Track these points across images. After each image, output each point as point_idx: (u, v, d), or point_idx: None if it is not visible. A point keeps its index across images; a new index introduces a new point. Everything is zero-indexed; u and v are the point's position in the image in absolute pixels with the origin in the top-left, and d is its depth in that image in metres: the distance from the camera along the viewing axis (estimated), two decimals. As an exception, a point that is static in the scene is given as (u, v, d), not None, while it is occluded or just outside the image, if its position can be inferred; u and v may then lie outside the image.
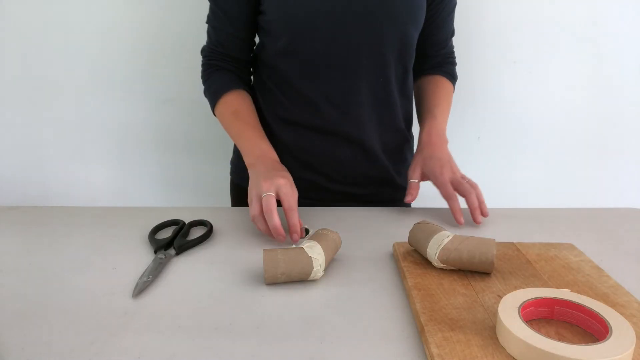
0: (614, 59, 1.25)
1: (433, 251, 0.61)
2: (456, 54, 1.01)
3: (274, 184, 0.72)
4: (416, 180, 0.85)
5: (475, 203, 0.79)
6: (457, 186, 0.80)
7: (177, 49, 1.25)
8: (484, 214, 0.80)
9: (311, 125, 0.88)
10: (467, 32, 1.18)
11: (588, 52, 1.25)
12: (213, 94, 0.89)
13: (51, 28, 1.24)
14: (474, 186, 0.81)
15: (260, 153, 0.81)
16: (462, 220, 0.79)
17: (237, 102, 0.88)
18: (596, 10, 1.21)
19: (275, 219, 0.68)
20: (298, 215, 0.71)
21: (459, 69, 1.00)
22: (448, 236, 0.62)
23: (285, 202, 0.71)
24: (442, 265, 0.61)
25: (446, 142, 0.89)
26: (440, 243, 0.61)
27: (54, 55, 1.26)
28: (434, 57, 0.97)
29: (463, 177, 0.83)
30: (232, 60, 0.90)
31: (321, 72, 0.84)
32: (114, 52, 1.26)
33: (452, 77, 0.99)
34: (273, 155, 0.82)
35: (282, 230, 0.69)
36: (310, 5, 0.79)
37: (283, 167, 0.79)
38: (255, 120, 0.87)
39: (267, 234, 0.71)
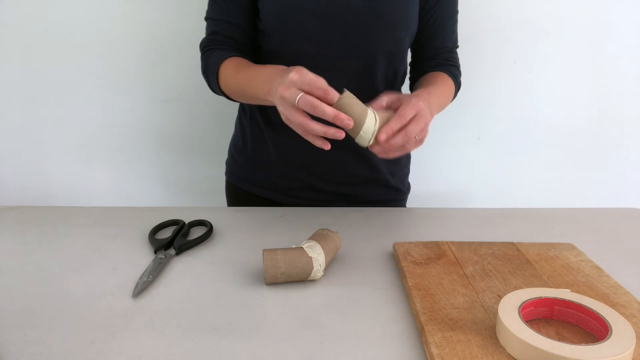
0: (614, 58, 1.25)
1: (367, 137, 0.65)
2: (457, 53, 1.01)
3: (292, 82, 0.63)
4: (383, 104, 0.69)
5: (399, 125, 0.64)
6: (414, 123, 0.66)
7: (177, 49, 1.25)
8: (381, 136, 0.64)
9: None
10: (467, 32, 1.18)
11: (588, 52, 1.25)
12: (213, 65, 0.84)
13: (51, 28, 1.24)
14: (422, 133, 0.67)
15: (272, 74, 0.71)
16: (382, 136, 0.64)
17: (238, 60, 0.83)
18: (596, 10, 1.21)
19: (328, 108, 0.61)
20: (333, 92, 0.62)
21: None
22: (375, 121, 0.65)
23: (316, 88, 0.62)
24: (373, 143, 0.66)
25: (431, 113, 0.71)
26: (373, 129, 0.64)
27: (54, 56, 1.26)
28: (433, 58, 0.93)
29: (425, 130, 0.68)
30: (232, 42, 0.87)
31: None
32: (114, 53, 1.26)
33: (455, 78, 0.91)
34: (278, 67, 0.72)
35: (343, 115, 0.62)
36: (301, 5, 0.79)
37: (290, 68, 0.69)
38: (259, 65, 0.80)
39: (323, 133, 0.63)
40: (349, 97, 0.63)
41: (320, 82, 0.63)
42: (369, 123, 0.64)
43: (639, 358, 0.45)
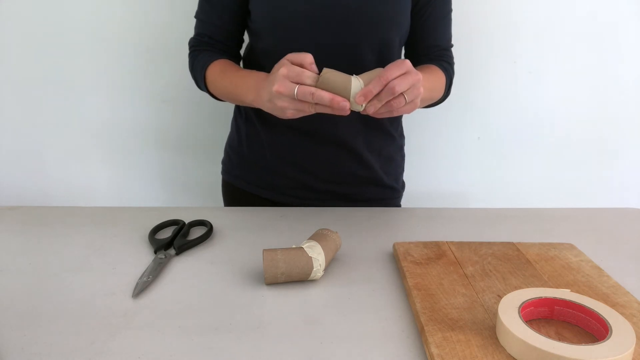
0: (613, 58, 1.25)
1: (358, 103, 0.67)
2: (456, 53, 1.01)
3: (285, 77, 0.66)
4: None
5: (378, 87, 0.64)
6: (400, 79, 0.65)
7: (176, 49, 1.24)
8: (358, 98, 0.66)
9: (294, 125, 0.88)
10: (467, 31, 1.18)
11: (588, 51, 1.25)
12: (201, 68, 0.86)
13: (51, 28, 1.24)
14: (413, 92, 0.67)
15: (255, 83, 0.76)
16: (359, 99, 0.66)
17: (223, 63, 0.85)
18: (596, 9, 1.21)
19: (325, 94, 0.65)
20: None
21: (459, 69, 1.00)
22: (361, 86, 0.66)
23: (306, 78, 0.66)
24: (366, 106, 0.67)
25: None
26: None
27: (54, 56, 1.26)
28: (426, 55, 0.92)
29: (417, 89, 0.67)
30: (219, 45, 0.89)
31: None
32: (113, 52, 1.26)
33: (446, 72, 0.90)
34: (264, 74, 0.76)
35: (338, 97, 0.65)
36: (292, 7, 0.79)
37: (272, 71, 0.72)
38: (243, 70, 0.84)
39: (330, 101, 0.66)
40: (328, 72, 0.66)
41: (307, 73, 0.66)
42: (355, 90, 0.66)
43: (639, 358, 0.45)
